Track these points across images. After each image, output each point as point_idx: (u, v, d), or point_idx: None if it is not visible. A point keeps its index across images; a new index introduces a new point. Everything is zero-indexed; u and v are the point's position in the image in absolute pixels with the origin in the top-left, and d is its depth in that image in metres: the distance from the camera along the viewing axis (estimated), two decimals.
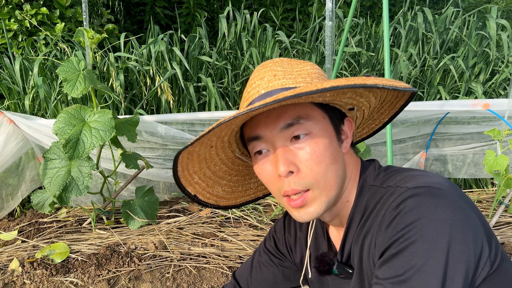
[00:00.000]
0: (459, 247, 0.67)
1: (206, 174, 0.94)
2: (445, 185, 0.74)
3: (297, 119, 0.79)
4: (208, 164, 0.92)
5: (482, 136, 2.77)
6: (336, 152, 0.83)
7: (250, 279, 1.15)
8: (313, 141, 0.80)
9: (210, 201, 0.98)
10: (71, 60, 2.10)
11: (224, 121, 0.71)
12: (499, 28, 3.15)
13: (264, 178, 0.85)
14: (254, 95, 0.83)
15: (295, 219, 0.85)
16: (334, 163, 0.81)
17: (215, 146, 0.87)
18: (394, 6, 5.07)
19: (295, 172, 0.79)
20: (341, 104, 0.86)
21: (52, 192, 2.03)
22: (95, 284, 1.94)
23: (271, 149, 0.82)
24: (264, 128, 0.81)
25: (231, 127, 0.80)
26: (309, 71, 0.85)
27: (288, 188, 0.80)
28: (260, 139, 0.82)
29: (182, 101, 2.96)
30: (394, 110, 0.94)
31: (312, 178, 0.79)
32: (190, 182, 0.92)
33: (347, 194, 0.88)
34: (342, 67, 3.22)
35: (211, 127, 0.73)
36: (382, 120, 0.99)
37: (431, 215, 0.69)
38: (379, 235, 0.76)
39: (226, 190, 1.01)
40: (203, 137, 0.75)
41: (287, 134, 0.80)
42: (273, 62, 0.86)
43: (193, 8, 4.51)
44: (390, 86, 0.73)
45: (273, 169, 0.82)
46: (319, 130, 0.81)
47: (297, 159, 0.79)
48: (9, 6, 3.19)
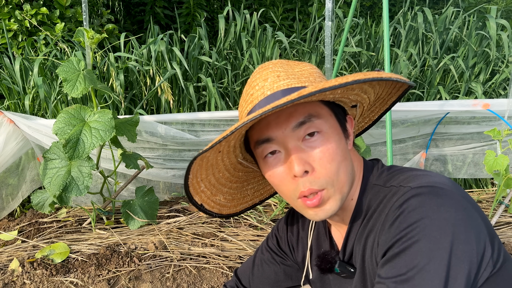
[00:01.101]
0: (461, 247, 0.67)
1: (211, 182, 0.93)
2: (448, 185, 0.75)
3: (309, 117, 0.79)
4: (213, 170, 0.91)
5: (482, 136, 2.77)
6: (345, 149, 0.83)
7: (252, 276, 1.15)
8: (325, 139, 0.80)
9: (214, 209, 0.98)
10: (71, 60, 2.10)
11: (244, 123, 0.70)
12: (499, 28, 3.15)
13: (276, 181, 0.84)
14: (259, 97, 0.82)
15: (310, 218, 0.84)
16: (344, 160, 0.82)
17: (222, 151, 0.86)
18: (394, 6, 5.07)
19: (310, 172, 0.79)
20: (346, 101, 0.86)
21: (52, 192, 2.03)
22: (95, 284, 1.94)
23: (283, 150, 0.81)
24: (276, 129, 0.80)
25: (241, 131, 0.80)
26: (310, 71, 0.85)
27: (304, 188, 0.79)
28: (271, 140, 0.81)
29: (182, 101, 2.96)
30: (385, 107, 0.95)
31: (327, 176, 0.79)
32: (197, 190, 0.92)
33: (351, 192, 0.88)
34: (342, 67, 3.22)
35: (228, 131, 0.72)
36: (372, 118, 1.00)
37: (434, 215, 0.69)
38: (382, 234, 0.76)
39: (227, 198, 1.00)
40: (219, 142, 0.74)
41: (299, 133, 0.79)
42: (273, 63, 0.86)
43: (193, 8, 4.51)
44: (401, 80, 0.74)
45: (286, 170, 0.81)
46: (329, 127, 0.81)
47: (310, 158, 0.79)
48: (9, 6, 3.19)
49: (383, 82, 0.80)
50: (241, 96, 0.88)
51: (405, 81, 0.75)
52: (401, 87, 0.85)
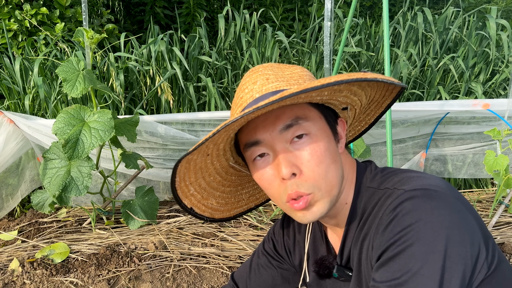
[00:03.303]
0: (456, 250, 0.67)
1: (201, 185, 0.93)
2: (442, 187, 0.74)
3: (296, 119, 0.79)
4: (203, 174, 0.91)
5: (482, 136, 2.77)
6: (335, 152, 0.83)
7: (249, 281, 1.15)
8: (313, 141, 0.79)
9: (205, 213, 0.97)
10: (71, 60, 2.10)
11: (226, 125, 0.70)
12: (499, 28, 3.15)
13: (265, 184, 0.84)
14: (248, 99, 0.82)
15: (299, 221, 0.83)
16: (334, 163, 0.81)
17: (211, 154, 0.86)
18: (394, 6, 5.07)
19: (298, 174, 0.78)
20: (336, 103, 0.86)
21: (52, 192, 2.03)
22: (95, 284, 1.94)
23: (271, 152, 0.81)
24: (263, 132, 0.80)
25: (228, 133, 0.80)
26: (300, 73, 0.85)
27: (292, 191, 0.79)
28: (259, 143, 0.81)
29: (182, 101, 2.96)
30: (380, 110, 0.94)
31: (314, 180, 0.79)
32: (186, 194, 0.91)
33: (345, 195, 0.87)
34: (342, 67, 3.22)
35: (210, 134, 0.72)
36: (368, 121, 1.00)
37: (428, 218, 0.69)
38: (376, 237, 0.75)
39: (220, 202, 0.99)
40: (203, 144, 0.74)
41: (287, 135, 0.79)
42: (263, 67, 0.86)
43: (193, 8, 4.51)
44: (388, 80, 0.74)
45: (275, 173, 0.81)
46: (317, 130, 0.81)
47: (298, 160, 0.79)
48: (9, 6, 3.19)
49: (374, 84, 0.80)
50: (233, 100, 0.88)
51: (392, 81, 0.75)
52: (394, 89, 0.84)
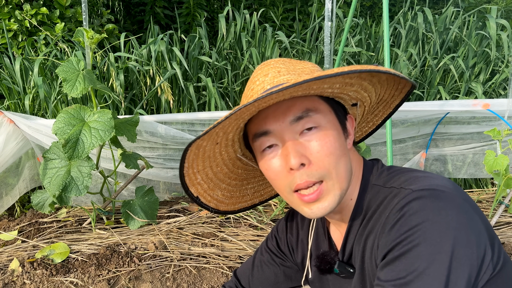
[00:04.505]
0: (462, 251, 0.67)
1: (208, 175, 0.93)
2: (449, 187, 0.74)
3: (306, 111, 0.79)
4: (211, 163, 0.91)
5: (482, 136, 2.77)
6: (344, 146, 0.83)
7: (251, 278, 1.15)
8: (323, 133, 0.79)
9: (211, 204, 0.97)
10: (71, 60, 2.10)
11: (238, 109, 0.70)
12: (499, 28, 3.15)
13: (272, 174, 0.83)
14: (259, 91, 0.82)
15: (306, 215, 0.83)
16: (343, 156, 0.81)
17: (220, 143, 0.86)
18: (394, 6, 5.07)
19: (307, 165, 0.78)
20: (346, 98, 0.86)
21: (52, 192, 2.03)
22: (95, 284, 1.94)
23: (280, 143, 0.81)
24: (273, 122, 0.80)
25: (238, 122, 0.79)
26: (311, 68, 0.85)
27: (301, 181, 0.78)
28: (269, 133, 0.81)
29: (182, 101, 2.96)
30: (389, 110, 0.94)
31: (324, 168, 0.78)
32: (194, 182, 0.91)
33: (351, 191, 0.87)
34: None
35: (222, 117, 0.72)
36: (376, 122, 1.00)
37: (435, 218, 0.69)
38: (382, 236, 0.75)
39: (225, 194, 1.00)
40: (214, 128, 0.74)
41: (297, 127, 0.79)
42: (275, 61, 0.86)
43: (193, 8, 4.51)
44: (400, 75, 0.74)
45: (283, 163, 0.80)
46: (327, 122, 0.81)
47: (307, 151, 0.78)
48: (9, 6, 3.19)
49: (384, 81, 0.80)
50: (243, 92, 0.88)
51: (404, 76, 0.75)
52: (404, 88, 0.84)
